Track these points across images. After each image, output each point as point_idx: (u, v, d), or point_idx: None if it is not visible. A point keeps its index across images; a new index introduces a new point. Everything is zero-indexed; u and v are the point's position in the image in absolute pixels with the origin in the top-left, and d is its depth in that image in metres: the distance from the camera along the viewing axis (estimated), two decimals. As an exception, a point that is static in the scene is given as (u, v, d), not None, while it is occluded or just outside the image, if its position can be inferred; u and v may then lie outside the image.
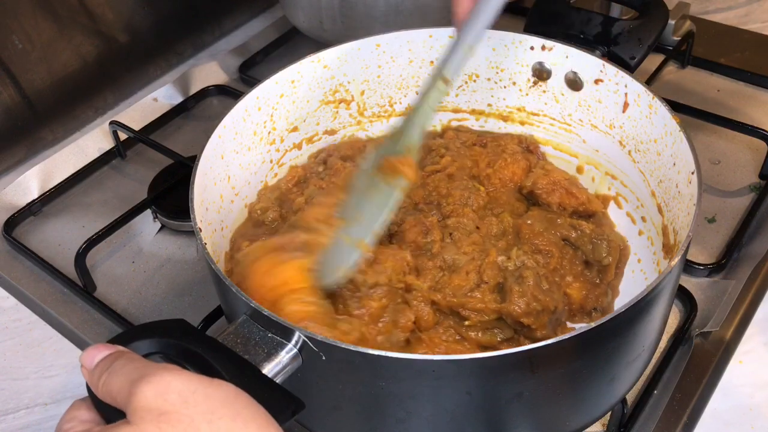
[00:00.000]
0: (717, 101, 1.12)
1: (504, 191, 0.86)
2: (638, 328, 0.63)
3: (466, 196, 0.83)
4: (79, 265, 0.90)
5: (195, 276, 0.93)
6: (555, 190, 0.84)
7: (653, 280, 0.61)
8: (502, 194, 0.85)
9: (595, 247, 0.79)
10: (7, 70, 1.05)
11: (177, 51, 1.28)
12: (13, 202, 1.03)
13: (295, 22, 1.20)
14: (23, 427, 0.78)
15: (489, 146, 0.90)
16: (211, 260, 0.65)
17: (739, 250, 0.91)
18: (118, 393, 0.48)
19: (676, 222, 0.74)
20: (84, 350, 0.52)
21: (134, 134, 1.08)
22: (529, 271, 0.73)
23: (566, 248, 0.79)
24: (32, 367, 0.84)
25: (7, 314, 0.89)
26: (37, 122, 1.12)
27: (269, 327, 0.60)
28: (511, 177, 0.86)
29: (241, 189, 0.84)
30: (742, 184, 0.99)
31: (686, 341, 0.81)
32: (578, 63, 0.85)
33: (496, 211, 0.83)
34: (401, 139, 0.75)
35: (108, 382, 0.49)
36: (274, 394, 0.54)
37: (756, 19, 1.28)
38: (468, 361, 0.57)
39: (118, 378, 0.49)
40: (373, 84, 0.93)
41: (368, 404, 0.63)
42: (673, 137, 0.76)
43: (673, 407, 0.75)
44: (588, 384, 0.64)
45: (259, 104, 0.84)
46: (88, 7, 1.12)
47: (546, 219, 0.80)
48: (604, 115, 0.86)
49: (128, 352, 0.52)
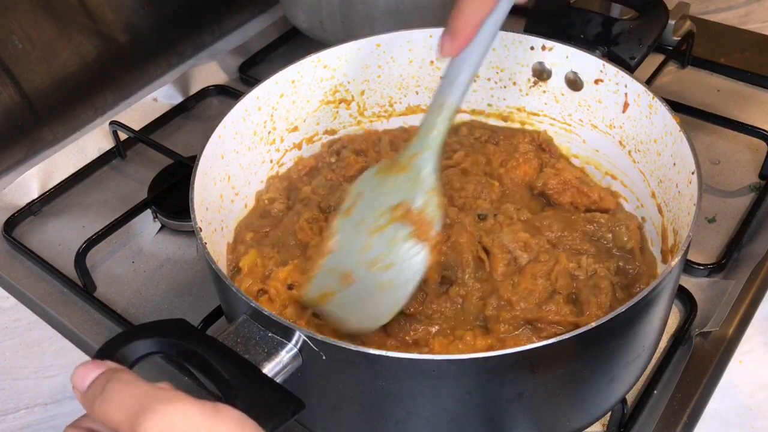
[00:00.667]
0: (717, 101, 1.12)
1: (516, 190, 0.85)
2: (638, 328, 0.63)
3: (479, 189, 0.82)
4: (79, 265, 0.90)
5: (195, 276, 0.93)
6: (566, 189, 0.83)
7: (653, 281, 0.61)
8: (515, 193, 0.85)
9: (615, 234, 0.78)
10: (7, 70, 1.05)
11: (177, 51, 1.28)
12: (13, 202, 1.03)
13: (295, 22, 1.20)
14: (23, 427, 0.78)
15: (501, 145, 0.90)
16: (211, 260, 0.65)
17: (739, 250, 0.91)
18: (120, 426, 0.46)
19: (676, 222, 0.74)
20: (74, 370, 0.50)
21: (134, 134, 1.08)
22: (605, 281, 0.71)
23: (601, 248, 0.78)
24: (32, 367, 0.84)
25: (7, 314, 0.89)
26: (37, 122, 1.12)
27: (269, 327, 0.60)
28: (522, 177, 0.86)
29: (241, 189, 0.84)
30: (742, 184, 0.99)
31: (686, 341, 0.81)
32: (578, 63, 0.85)
33: (516, 206, 0.82)
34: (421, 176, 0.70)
35: (105, 409, 0.47)
36: (275, 394, 0.54)
37: (756, 19, 1.28)
38: (468, 361, 0.57)
39: (115, 408, 0.46)
40: (373, 84, 0.93)
41: (368, 404, 0.63)
42: (673, 137, 0.76)
43: (673, 407, 0.75)
44: (588, 384, 0.64)
45: (259, 104, 0.84)
46: (88, 7, 1.12)
47: (562, 218, 0.80)
48: (604, 115, 0.86)
49: (120, 370, 0.50)
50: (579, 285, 0.73)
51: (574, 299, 0.72)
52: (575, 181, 0.84)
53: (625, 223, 0.79)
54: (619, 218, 0.80)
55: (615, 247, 0.78)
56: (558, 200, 0.83)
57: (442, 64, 0.74)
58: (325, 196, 0.84)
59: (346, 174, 0.87)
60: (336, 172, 0.88)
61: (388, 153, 0.90)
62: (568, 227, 0.78)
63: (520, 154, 0.87)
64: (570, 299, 0.72)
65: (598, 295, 0.70)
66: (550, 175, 0.84)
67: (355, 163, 0.88)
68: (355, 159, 0.88)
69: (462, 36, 0.65)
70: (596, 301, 0.70)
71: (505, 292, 0.72)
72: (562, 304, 0.71)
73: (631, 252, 0.77)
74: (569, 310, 0.71)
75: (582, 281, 0.73)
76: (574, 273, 0.73)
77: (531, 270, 0.73)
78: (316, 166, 0.90)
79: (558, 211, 0.82)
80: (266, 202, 0.85)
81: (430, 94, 0.94)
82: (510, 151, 0.88)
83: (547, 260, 0.73)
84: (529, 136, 0.90)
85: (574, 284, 0.73)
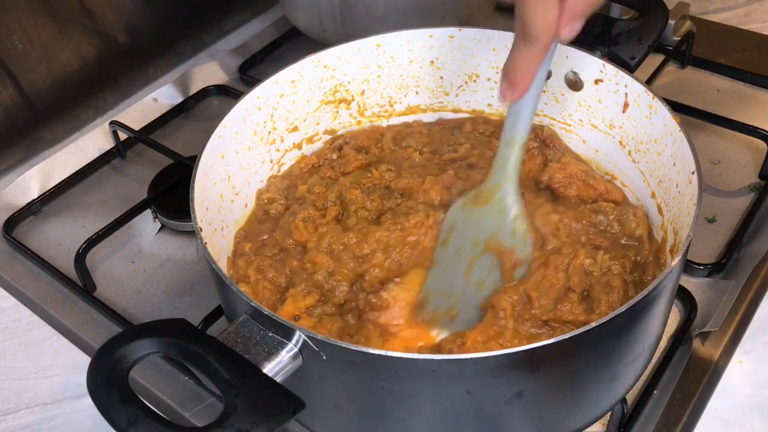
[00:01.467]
0: (717, 101, 1.12)
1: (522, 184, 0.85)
2: (638, 328, 0.63)
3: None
4: (79, 265, 0.90)
5: (195, 276, 0.93)
6: (572, 183, 0.83)
7: (653, 280, 0.61)
8: (521, 187, 0.85)
9: (622, 223, 0.79)
10: (7, 70, 1.05)
11: (177, 51, 1.28)
12: (13, 202, 1.03)
13: (295, 22, 1.20)
14: (23, 427, 0.78)
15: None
16: (211, 260, 0.65)
17: (739, 250, 0.91)
18: None
19: (676, 222, 0.74)
20: None
21: (134, 134, 1.08)
22: (617, 279, 0.71)
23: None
24: (32, 367, 0.84)
25: (7, 314, 0.89)
26: (37, 122, 1.12)
27: (270, 326, 0.60)
28: (527, 173, 0.86)
29: (241, 189, 0.84)
30: (742, 184, 0.99)
31: (686, 341, 0.81)
32: (578, 63, 0.85)
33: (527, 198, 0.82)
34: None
35: None
36: (275, 394, 0.54)
37: (756, 19, 1.28)
38: (468, 360, 0.57)
39: None
40: (373, 84, 0.93)
41: (368, 404, 0.63)
42: (673, 137, 0.76)
43: (673, 407, 0.75)
44: (588, 384, 0.65)
45: (259, 104, 0.84)
46: (88, 7, 1.12)
47: (570, 209, 0.80)
48: (604, 116, 0.86)
49: None
50: (592, 281, 0.73)
51: (586, 295, 0.72)
52: (581, 174, 0.84)
53: (633, 211, 0.79)
54: (626, 207, 0.80)
55: (624, 236, 0.78)
56: (564, 194, 0.83)
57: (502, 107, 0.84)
58: (320, 194, 0.84)
59: (345, 170, 0.87)
60: (336, 169, 0.88)
61: (391, 149, 0.90)
62: (575, 219, 0.78)
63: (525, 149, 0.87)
64: (583, 296, 0.72)
65: (609, 293, 0.70)
66: (555, 170, 0.84)
67: (355, 160, 0.88)
68: (355, 156, 0.88)
69: (520, 87, 0.68)
70: (607, 299, 0.70)
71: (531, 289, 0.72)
72: (576, 303, 0.71)
73: (640, 239, 0.77)
74: (582, 309, 0.71)
75: (596, 278, 0.73)
76: (589, 269, 0.73)
77: (555, 262, 0.73)
78: (318, 163, 0.90)
79: (564, 206, 0.81)
80: (265, 201, 0.85)
81: (430, 94, 0.94)
82: None
83: (568, 253, 0.74)
84: (533, 132, 0.90)
85: (588, 281, 0.73)
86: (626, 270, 0.73)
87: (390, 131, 0.93)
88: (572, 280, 0.72)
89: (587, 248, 0.75)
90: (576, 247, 0.75)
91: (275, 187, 0.87)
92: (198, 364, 0.56)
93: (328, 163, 0.89)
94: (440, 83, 0.94)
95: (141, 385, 0.80)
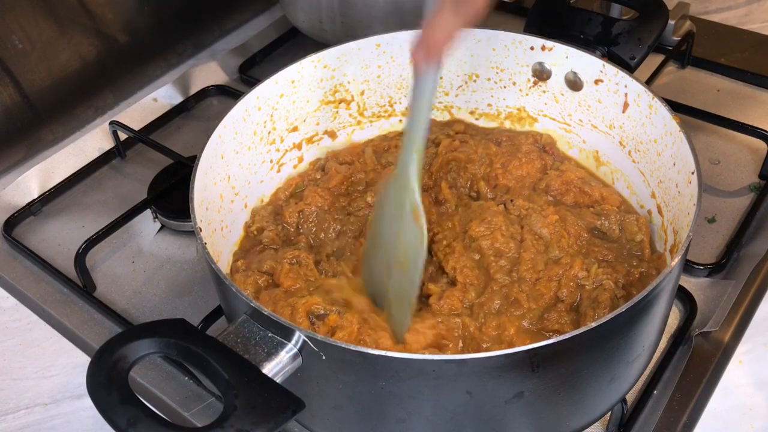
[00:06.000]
0: (717, 101, 1.12)
1: (521, 190, 0.85)
2: (638, 328, 0.63)
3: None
4: (78, 265, 0.90)
5: (195, 276, 0.93)
6: (569, 190, 0.84)
7: (653, 280, 0.61)
8: (520, 192, 0.84)
9: (624, 226, 0.79)
10: (7, 70, 1.05)
11: (177, 51, 1.28)
12: (13, 202, 1.03)
13: (295, 22, 1.20)
14: (23, 427, 0.78)
15: (504, 145, 0.90)
16: (211, 260, 0.65)
17: (739, 250, 0.91)
18: None
19: (676, 222, 0.74)
20: None
21: (134, 134, 1.08)
22: (606, 294, 0.72)
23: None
24: (32, 367, 0.84)
25: (7, 314, 0.89)
26: (37, 122, 1.12)
27: (269, 327, 0.60)
28: (525, 177, 0.86)
29: (241, 189, 0.84)
30: (742, 184, 0.99)
31: (686, 341, 0.81)
32: (578, 63, 0.85)
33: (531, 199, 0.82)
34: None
35: None
36: (274, 394, 0.54)
37: (756, 19, 1.28)
38: (468, 360, 0.57)
39: None
40: (373, 84, 0.93)
41: (368, 404, 0.63)
42: (673, 137, 0.76)
43: (673, 407, 0.75)
44: (588, 384, 0.64)
45: (259, 104, 0.84)
46: (88, 7, 1.12)
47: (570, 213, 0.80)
48: (604, 116, 0.86)
49: None
50: (583, 294, 0.73)
51: (575, 307, 0.73)
52: (578, 181, 0.84)
53: (635, 216, 0.79)
54: (627, 212, 0.81)
55: (625, 240, 0.78)
56: (561, 201, 0.84)
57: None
58: (314, 231, 0.83)
59: (329, 185, 0.86)
60: (321, 185, 0.86)
61: (374, 162, 0.90)
62: (578, 221, 0.79)
63: (523, 154, 0.87)
64: (572, 308, 0.73)
65: (596, 308, 0.71)
66: (553, 177, 0.85)
67: (337, 173, 0.87)
68: (337, 168, 0.88)
69: (437, 50, 0.69)
70: (593, 314, 0.70)
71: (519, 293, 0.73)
72: (564, 314, 0.72)
73: (642, 246, 0.77)
74: (569, 320, 0.71)
75: (586, 291, 0.73)
76: (581, 283, 0.74)
77: (548, 273, 0.74)
78: (303, 184, 0.89)
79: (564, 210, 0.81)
80: (255, 233, 0.83)
81: (430, 94, 0.94)
82: (513, 152, 0.88)
83: (566, 263, 0.74)
84: (532, 137, 0.90)
85: (578, 294, 0.73)
86: (618, 286, 0.73)
87: (369, 146, 0.92)
88: (562, 291, 0.73)
89: (589, 260, 0.75)
90: (575, 258, 0.75)
91: (260, 216, 0.85)
92: (198, 364, 0.56)
93: (313, 183, 0.88)
94: (440, 83, 0.94)
95: (141, 385, 0.80)
